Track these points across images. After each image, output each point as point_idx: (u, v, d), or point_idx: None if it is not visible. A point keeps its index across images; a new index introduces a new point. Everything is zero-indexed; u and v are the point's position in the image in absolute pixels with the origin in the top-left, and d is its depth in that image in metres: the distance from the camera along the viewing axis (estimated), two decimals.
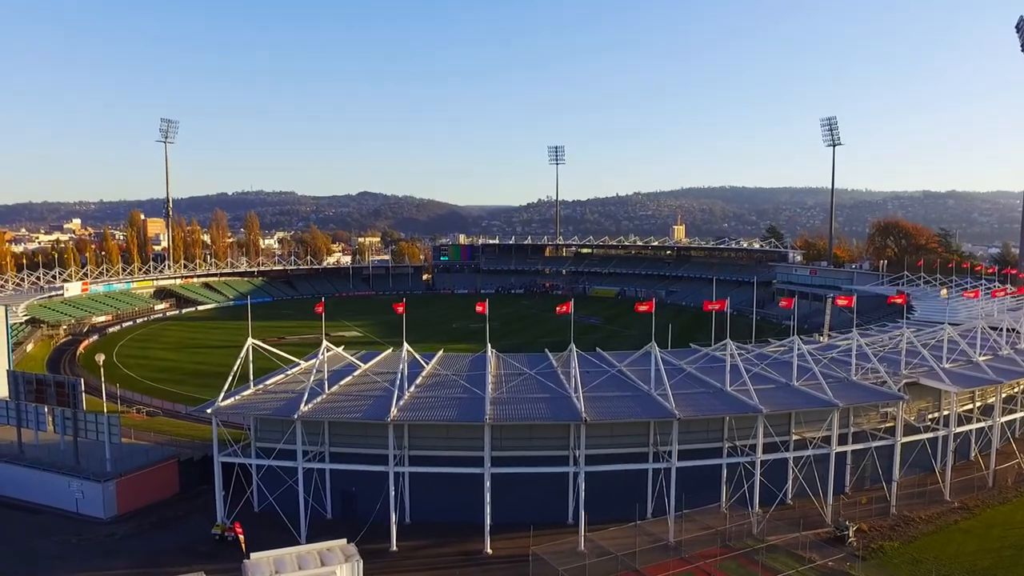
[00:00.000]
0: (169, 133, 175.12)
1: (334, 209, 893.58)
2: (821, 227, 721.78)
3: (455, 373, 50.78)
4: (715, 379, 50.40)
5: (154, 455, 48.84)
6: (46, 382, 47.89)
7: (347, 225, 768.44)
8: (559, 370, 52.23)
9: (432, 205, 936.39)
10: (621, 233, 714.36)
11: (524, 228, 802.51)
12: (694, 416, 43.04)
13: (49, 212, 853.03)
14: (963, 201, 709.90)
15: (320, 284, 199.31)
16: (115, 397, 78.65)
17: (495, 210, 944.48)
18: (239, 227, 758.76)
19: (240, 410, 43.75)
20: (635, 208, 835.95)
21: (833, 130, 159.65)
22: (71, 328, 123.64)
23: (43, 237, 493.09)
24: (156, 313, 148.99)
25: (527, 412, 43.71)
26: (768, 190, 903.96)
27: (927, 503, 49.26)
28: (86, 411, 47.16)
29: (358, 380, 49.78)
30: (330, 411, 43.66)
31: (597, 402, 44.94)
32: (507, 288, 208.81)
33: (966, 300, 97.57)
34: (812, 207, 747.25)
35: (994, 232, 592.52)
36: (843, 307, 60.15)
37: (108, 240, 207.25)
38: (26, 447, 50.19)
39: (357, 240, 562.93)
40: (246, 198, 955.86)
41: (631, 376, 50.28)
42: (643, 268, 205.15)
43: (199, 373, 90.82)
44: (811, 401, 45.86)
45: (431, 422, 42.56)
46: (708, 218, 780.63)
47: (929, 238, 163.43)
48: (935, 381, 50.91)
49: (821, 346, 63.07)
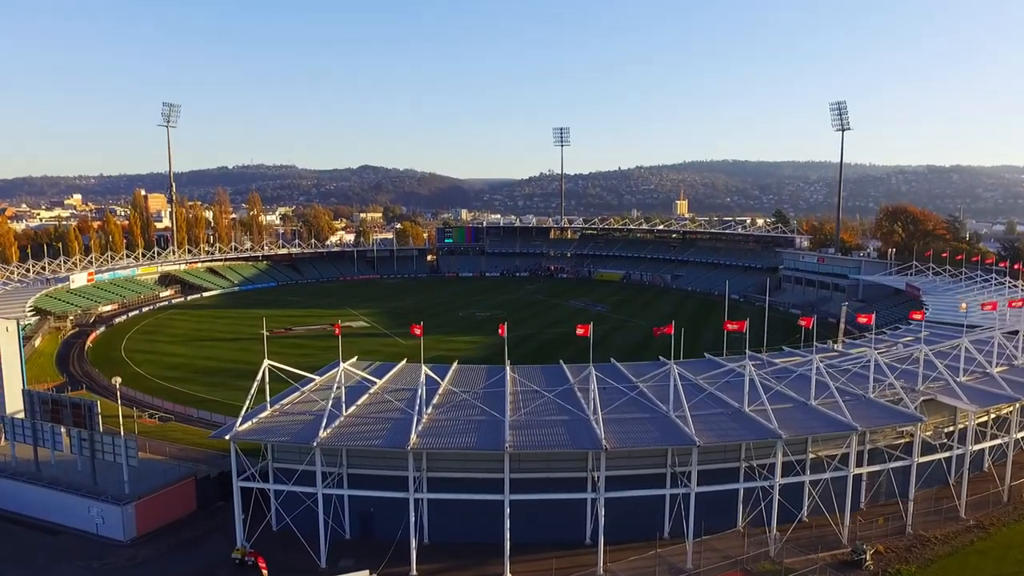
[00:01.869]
0: (171, 117, 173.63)
1: (335, 183, 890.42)
2: (824, 202, 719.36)
3: (472, 393, 50.52)
4: (732, 396, 50.21)
5: (171, 475, 48.87)
6: (62, 403, 47.78)
7: (348, 199, 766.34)
8: (576, 387, 52.02)
9: (434, 179, 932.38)
10: (623, 208, 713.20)
11: (526, 202, 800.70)
12: (714, 443, 42.93)
13: (49, 186, 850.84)
14: (968, 176, 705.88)
15: (324, 268, 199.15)
16: (126, 398, 79.01)
17: (497, 183, 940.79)
18: (240, 201, 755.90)
19: (259, 436, 43.62)
20: (637, 182, 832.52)
21: (843, 115, 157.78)
22: (78, 318, 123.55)
23: (44, 213, 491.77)
24: (162, 301, 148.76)
25: (546, 437, 43.63)
26: (771, 164, 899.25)
27: (943, 520, 49.31)
28: (102, 432, 47.02)
29: (374, 399, 49.63)
30: (349, 437, 43.57)
31: (616, 425, 44.82)
32: (512, 271, 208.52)
33: (984, 295, 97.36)
34: (815, 182, 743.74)
35: (999, 208, 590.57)
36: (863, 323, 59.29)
37: (111, 222, 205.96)
38: (43, 464, 50.29)
39: (359, 216, 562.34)
40: (246, 172, 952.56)
41: (649, 395, 50.03)
42: (648, 252, 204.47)
43: (209, 370, 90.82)
44: (830, 424, 45.72)
45: (451, 450, 42.58)
46: (711, 192, 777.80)
47: (937, 223, 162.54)
48: (952, 399, 50.77)
49: (836, 356, 62.78)
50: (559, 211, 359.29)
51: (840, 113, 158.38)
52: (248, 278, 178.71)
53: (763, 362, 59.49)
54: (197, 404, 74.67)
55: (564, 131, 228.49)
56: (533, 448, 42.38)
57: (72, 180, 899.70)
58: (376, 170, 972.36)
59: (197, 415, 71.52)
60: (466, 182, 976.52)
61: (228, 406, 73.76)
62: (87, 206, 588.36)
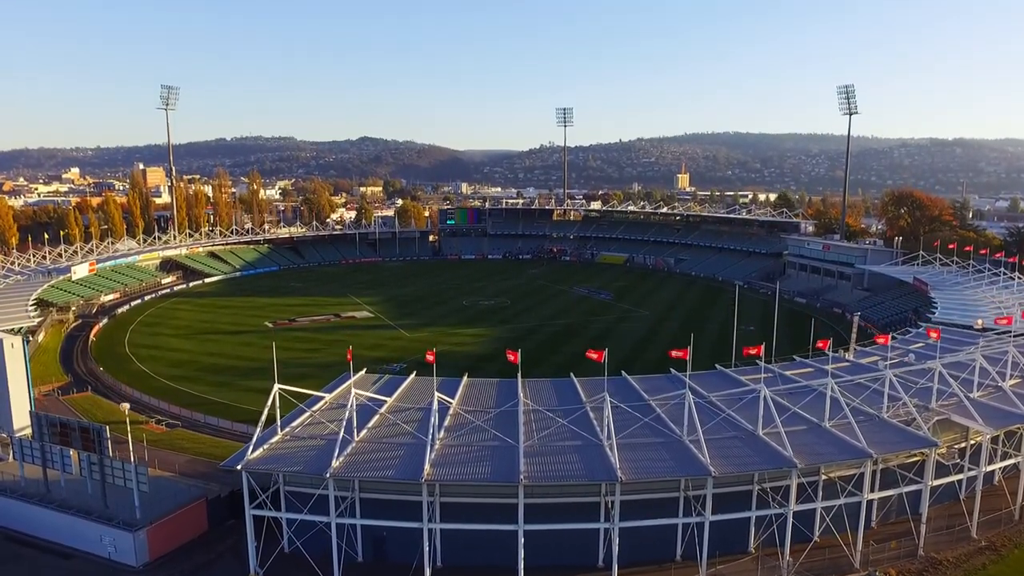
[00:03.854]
0: (170, 100, 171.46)
1: (334, 155, 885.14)
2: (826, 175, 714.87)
3: (484, 416, 50.04)
4: (746, 416, 49.82)
5: (182, 497, 48.66)
6: (70, 426, 47.36)
7: (348, 172, 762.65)
8: (588, 406, 51.70)
9: (433, 151, 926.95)
10: (624, 181, 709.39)
11: (527, 175, 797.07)
12: (729, 473, 42.64)
13: (46, 159, 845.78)
14: (970, 149, 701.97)
15: (326, 251, 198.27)
16: (132, 400, 78.75)
17: (497, 155, 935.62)
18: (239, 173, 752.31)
19: (270, 465, 43.28)
20: (638, 155, 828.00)
21: (850, 98, 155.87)
22: (80, 309, 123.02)
23: (42, 188, 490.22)
24: (164, 288, 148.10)
25: (560, 467, 43.37)
26: (773, 136, 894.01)
27: (954, 540, 49.24)
28: (112, 457, 46.73)
29: (385, 422, 49.23)
30: (361, 467, 43.30)
31: (629, 452, 44.55)
32: (515, 253, 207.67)
33: (992, 291, 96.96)
34: (817, 155, 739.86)
35: (1001, 182, 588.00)
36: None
37: (110, 202, 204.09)
38: (53, 485, 50.05)
39: (359, 190, 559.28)
40: (245, 143, 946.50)
41: (663, 416, 49.62)
42: (652, 235, 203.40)
43: (214, 368, 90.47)
44: (844, 450, 45.44)
45: (465, 482, 42.27)
46: (712, 165, 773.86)
47: (943, 209, 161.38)
48: (967, 419, 50.38)
49: (848, 366, 62.48)
50: (560, 184, 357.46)
51: (848, 97, 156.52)
52: (250, 262, 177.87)
53: (775, 375, 59.06)
54: (204, 407, 74.43)
55: (567, 111, 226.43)
56: (547, 480, 42.14)
57: (69, 152, 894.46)
58: (375, 142, 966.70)
59: (204, 420, 71.33)
60: (465, 154, 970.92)
61: (235, 410, 73.96)
62: (85, 179, 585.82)
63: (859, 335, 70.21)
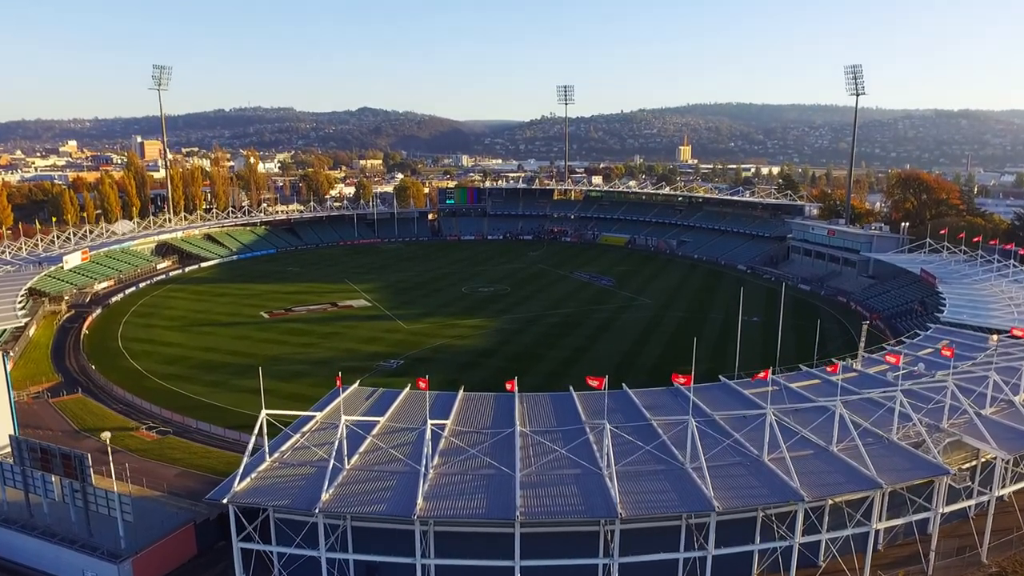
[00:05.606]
0: (163, 80, 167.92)
1: (334, 126, 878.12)
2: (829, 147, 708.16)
3: (480, 443, 48.27)
4: (750, 440, 48.13)
5: (169, 524, 47.22)
6: (51, 452, 45.73)
7: (347, 143, 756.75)
8: (587, 426, 50.10)
9: (433, 122, 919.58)
10: (626, 152, 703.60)
11: (528, 146, 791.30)
12: (733, 508, 41.08)
13: (43, 130, 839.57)
14: (976, 121, 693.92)
15: (324, 232, 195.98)
16: (123, 401, 77.42)
17: (498, 126, 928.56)
18: (239, 146, 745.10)
19: (258, 498, 41.73)
20: (640, 126, 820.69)
21: (857, 79, 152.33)
22: (73, 298, 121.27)
23: (39, 162, 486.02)
24: (159, 274, 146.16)
25: (558, 499, 41.83)
26: (775, 107, 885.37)
27: (964, 566, 47.81)
28: (95, 486, 45.23)
29: (377, 447, 47.51)
30: (351, 499, 41.76)
31: (630, 483, 42.98)
32: (515, 234, 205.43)
33: (1002, 285, 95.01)
34: (821, 126, 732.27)
35: (1007, 155, 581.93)
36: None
37: (105, 183, 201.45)
38: (36, 509, 48.68)
39: (359, 163, 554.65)
40: (244, 114, 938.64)
41: (664, 438, 47.88)
42: (654, 215, 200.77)
43: (208, 365, 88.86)
44: (853, 479, 43.78)
45: (460, 519, 40.69)
46: (714, 137, 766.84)
47: (951, 192, 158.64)
48: (979, 441, 48.69)
49: (857, 379, 60.73)
50: (562, 156, 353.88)
51: (855, 77, 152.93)
52: (247, 245, 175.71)
53: (781, 389, 57.31)
54: (196, 412, 72.94)
55: (568, 88, 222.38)
56: (545, 516, 40.57)
57: (67, 124, 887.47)
58: (375, 112, 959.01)
59: (196, 426, 69.92)
60: (466, 124, 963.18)
61: (228, 413, 72.74)
62: (82, 153, 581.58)
63: (868, 339, 68.14)
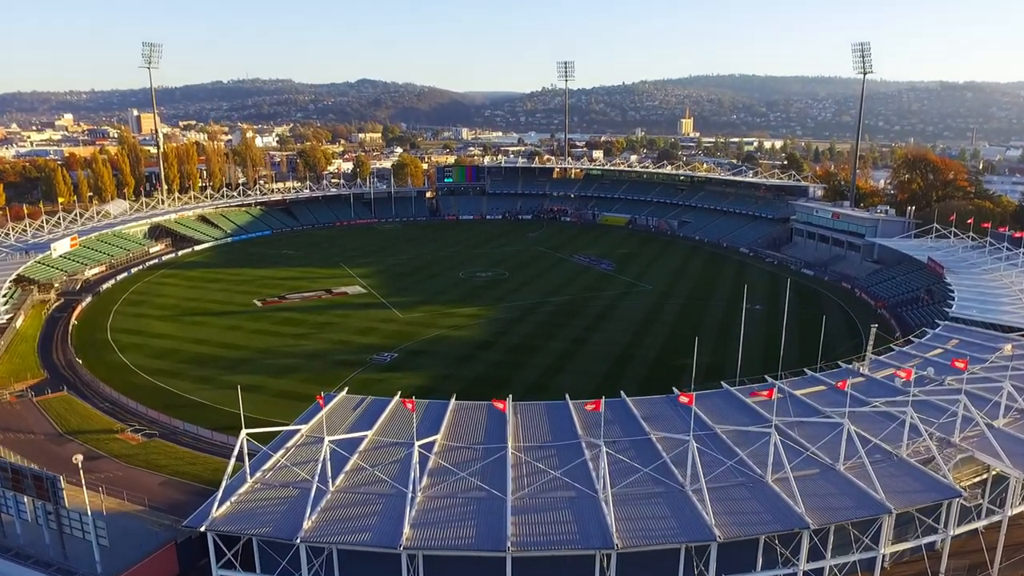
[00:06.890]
0: (152, 58, 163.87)
1: (333, 98, 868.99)
2: (833, 120, 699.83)
3: (470, 462, 46.29)
4: (753, 457, 46.15)
5: (148, 545, 45.32)
6: (23, 472, 43.82)
7: (346, 116, 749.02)
8: (583, 441, 48.16)
9: (433, 93, 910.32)
10: (627, 125, 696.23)
11: (528, 118, 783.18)
12: (734, 536, 39.14)
13: (40, 103, 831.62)
14: (982, 93, 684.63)
15: (320, 212, 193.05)
16: (109, 400, 75.53)
17: (498, 98, 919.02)
18: (237, 118, 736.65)
19: (237, 526, 39.85)
20: (641, 98, 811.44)
21: (865, 57, 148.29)
22: (64, 285, 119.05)
23: (35, 136, 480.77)
24: (152, 258, 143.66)
25: (551, 526, 39.96)
26: (778, 79, 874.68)
27: None
28: (68, 507, 43.34)
29: (362, 466, 45.54)
30: (335, 527, 39.90)
31: (627, 507, 41.11)
32: (514, 213, 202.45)
33: (1012, 275, 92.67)
34: (824, 99, 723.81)
35: (1012, 128, 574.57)
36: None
37: (98, 162, 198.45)
38: (9, 529, 46.92)
39: (358, 136, 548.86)
40: (242, 86, 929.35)
41: (666, 460, 45.81)
42: (655, 195, 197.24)
43: (198, 359, 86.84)
44: (860, 503, 41.88)
45: (448, 552, 38.75)
46: (717, 109, 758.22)
47: (958, 172, 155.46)
48: (992, 458, 46.65)
49: (864, 385, 58.62)
50: (562, 128, 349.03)
51: (863, 55, 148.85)
52: (242, 226, 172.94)
53: (786, 397, 55.26)
54: (183, 412, 71.07)
55: (568, 64, 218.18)
56: (537, 547, 38.61)
57: (63, 96, 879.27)
58: (375, 84, 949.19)
59: (183, 428, 68.09)
60: (466, 96, 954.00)
61: (215, 412, 71.15)
62: (79, 126, 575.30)
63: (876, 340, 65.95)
